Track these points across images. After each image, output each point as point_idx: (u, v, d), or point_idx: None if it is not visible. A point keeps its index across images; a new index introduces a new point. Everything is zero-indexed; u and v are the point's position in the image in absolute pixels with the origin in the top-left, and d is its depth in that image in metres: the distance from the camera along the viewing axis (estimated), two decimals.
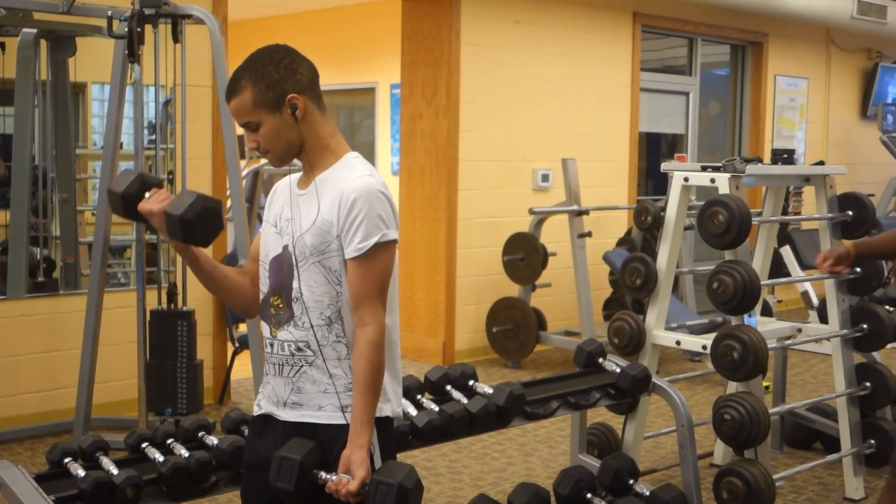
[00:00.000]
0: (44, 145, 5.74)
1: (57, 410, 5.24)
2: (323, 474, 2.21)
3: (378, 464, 2.25)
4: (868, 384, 4.44)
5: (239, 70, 2.27)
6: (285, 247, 2.30)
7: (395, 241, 2.27)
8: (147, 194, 2.27)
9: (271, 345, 2.34)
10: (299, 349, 2.28)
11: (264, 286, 2.36)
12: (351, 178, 2.25)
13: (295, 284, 2.27)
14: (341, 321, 2.27)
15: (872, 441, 4.44)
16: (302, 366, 2.28)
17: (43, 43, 5.63)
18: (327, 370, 2.27)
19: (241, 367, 5.92)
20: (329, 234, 2.24)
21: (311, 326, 2.26)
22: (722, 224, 3.98)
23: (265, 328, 2.37)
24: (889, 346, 4.86)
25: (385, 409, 2.31)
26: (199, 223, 2.23)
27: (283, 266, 2.30)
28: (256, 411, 2.40)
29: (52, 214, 5.82)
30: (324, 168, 2.30)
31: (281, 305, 2.31)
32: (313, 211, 2.26)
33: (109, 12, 4.61)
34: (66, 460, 2.66)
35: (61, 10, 4.81)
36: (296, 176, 2.39)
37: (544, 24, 7.44)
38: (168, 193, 2.28)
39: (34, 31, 5.51)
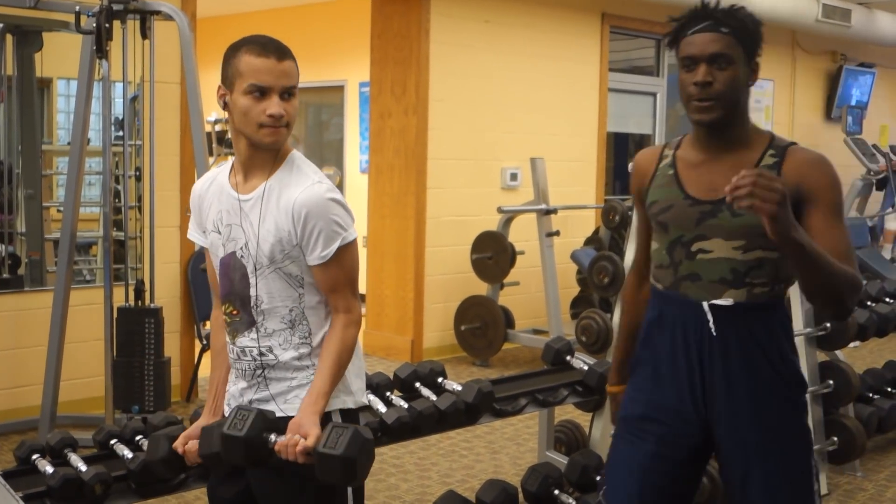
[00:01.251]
0: (9, 141, 5.70)
1: (22, 408, 5.20)
2: (273, 436, 2.17)
3: None
4: (831, 382, 4.50)
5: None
6: (232, 253, 2.28)
7: (355, 239, 2.27)
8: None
9: (232, 350, 2.33)
10: (261, 353, 2.28)
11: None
12: (300, 188, 2.22)
13: (252, 292, 2.26)
14: (305, 321, 2.27)
15: (835, 438, 4.50)
16: (265, 368, 2.28)
17: (9, 38, 5.58)
18: (290, 370, 2.27)
19: (209, 365, 5.89)
20: (288, 244, 2.22)
21: (273, 332, 2.26)
22: None
23: (225, 333, 2.35)
24: (851, 344, 4.94)
25: (348, 402, 2.32)
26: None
27: (234, 273, 2.28)
28: (227, 412, 2.38)
29: (18, 211, 5.77)
30: (271, 171, 2.26)
31: (235, 312, 2.29)
32: (268, 220, 2.23)
33: (77, 8, 4.58)
34: (34, 457, 2.66)
35: (28, 5, 4.78)
36: (220, 176, 2.34)
37: (514, 23, 7.47)
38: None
39: (0, 25, 5.46)
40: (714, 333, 2.29)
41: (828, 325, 4.46)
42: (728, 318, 2.28)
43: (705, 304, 2.29)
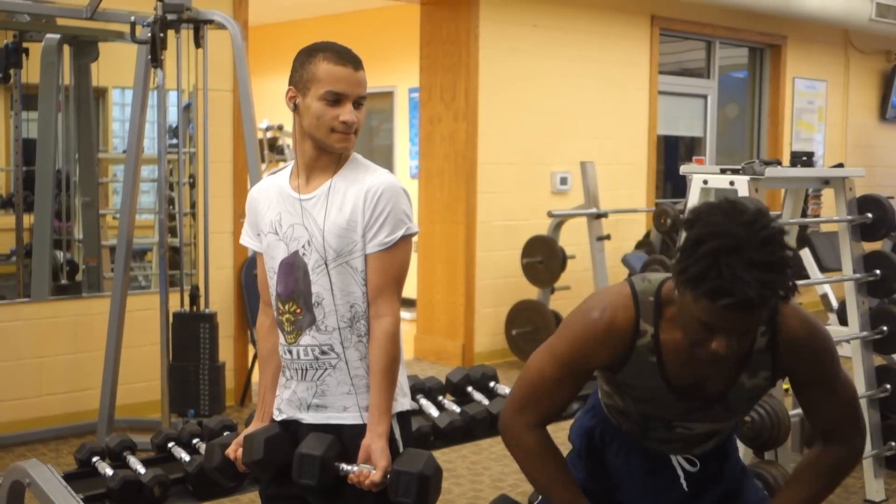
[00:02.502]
0: (67, 149, 5.80)
1: (81, 412, 5.29)
2: (344, 466, 2.24)
3: None
4: (888, 386, 4.44)
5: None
6: (295, 253, 2.30)
7: (415, 234, 2.32)
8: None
9: (290, 351, 2.33)
10: (323, 353, 2.29)
11: (273, 292, 2.36)
12: (373, 176, 2.28)
13: (315, 289, 2.27)
14: (364, 320, 2.29)
15: (893, 443, 4.43)
16: (326, 369, 2.30)
17: (66, 48, 5.68)
18: (349, 371, 2.29)
19: None
20: (355, 233, 2.25)
21: (335, 329, 2.28)
22: None
23: (281, 335, 2.36)
24: None
25: (405, 404, 2.35)
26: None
27: (297, 272, 2.30)
28: (277, 416, 2.39)
29: (75, 218, 5.87)
30: (335, 171, 2.31)
31: (299, 311, 2.30)
32: (333, 212, 2.26)
33: (132, 18, 4.66)
34: (94, 459, 2.70)
35: (85, 16, 4.87)
36: (279, 180, 2.37)
37: (562, 27, 7.46)
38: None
39: (57, 36, 5.57)
40: (686, 489, 2.18)
41: (884, 328, 4.40)
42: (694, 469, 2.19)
43: (674, 460, 2.17)
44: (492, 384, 3.37)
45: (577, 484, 2.17)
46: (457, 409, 3.18)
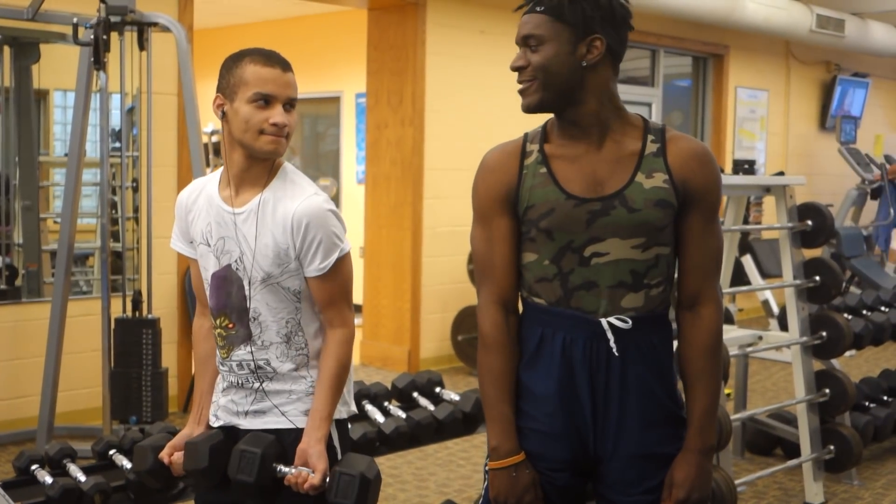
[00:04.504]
0: (7, 152, 5.71)
1: (20, 419, 5.20)
2: (282, 468, 2.22)
3: None
4: (827, 391, 4.51)
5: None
6: (227, 266, 2.26)
7: (349, 251, 2.29)
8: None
9: (224, 364, 2.31)
10: (259, 367, 2.26)
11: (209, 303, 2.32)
12: (297, 200, 2.21)
13: (250, 305, 2.24)
14: (301, 333, 2.26)
15: (832, 447, 4.50)
16: (262, 381, 2.27)
17: (6, 49, 5.60)
18: (288, 382, 2.27)
19: None
20: (287, 257, 2.21)
21: (271, 344, 2.25)
22: None
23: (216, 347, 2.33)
24: (847, 353, 4.95)
25: (342, 412, 2.33)
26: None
27: (230, 286, 2.26)
28: (214, 422, 2.36)
29: (15, 222, 5.78)
30: (265, 184, 2.25)
31: (231, 326, 2.27)
32: (264, 235, 2.21)
33: (75, 20, 4.59)
34: (33, 467, 2.67)
35: (26, 17, 4.79)
36: (207, 187, 2.32)
37: (509, 34, 7.42)
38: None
39: None
40: (616, 353, 2.03)
41: (823, 333, 4.47)
42: (628, 335, 2.04)
43: (604, 322, 2.02)
44: (437, 390, 3.38)
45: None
46: (402, 414, 3.18)
